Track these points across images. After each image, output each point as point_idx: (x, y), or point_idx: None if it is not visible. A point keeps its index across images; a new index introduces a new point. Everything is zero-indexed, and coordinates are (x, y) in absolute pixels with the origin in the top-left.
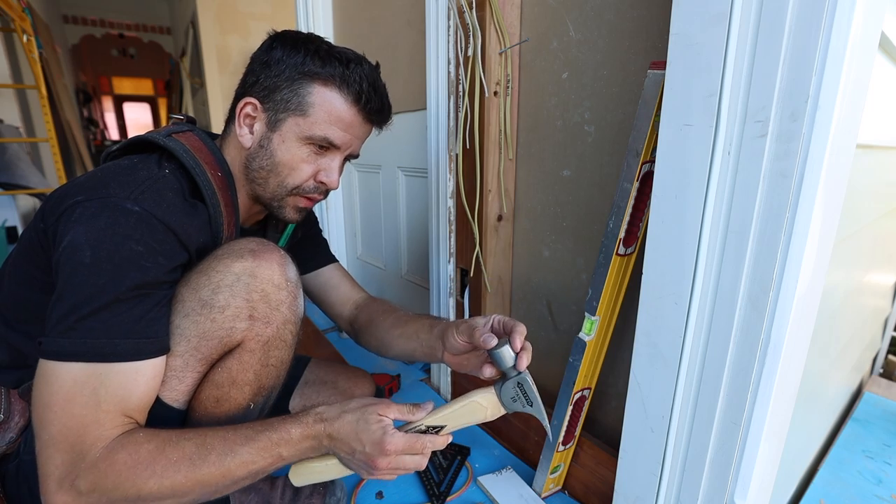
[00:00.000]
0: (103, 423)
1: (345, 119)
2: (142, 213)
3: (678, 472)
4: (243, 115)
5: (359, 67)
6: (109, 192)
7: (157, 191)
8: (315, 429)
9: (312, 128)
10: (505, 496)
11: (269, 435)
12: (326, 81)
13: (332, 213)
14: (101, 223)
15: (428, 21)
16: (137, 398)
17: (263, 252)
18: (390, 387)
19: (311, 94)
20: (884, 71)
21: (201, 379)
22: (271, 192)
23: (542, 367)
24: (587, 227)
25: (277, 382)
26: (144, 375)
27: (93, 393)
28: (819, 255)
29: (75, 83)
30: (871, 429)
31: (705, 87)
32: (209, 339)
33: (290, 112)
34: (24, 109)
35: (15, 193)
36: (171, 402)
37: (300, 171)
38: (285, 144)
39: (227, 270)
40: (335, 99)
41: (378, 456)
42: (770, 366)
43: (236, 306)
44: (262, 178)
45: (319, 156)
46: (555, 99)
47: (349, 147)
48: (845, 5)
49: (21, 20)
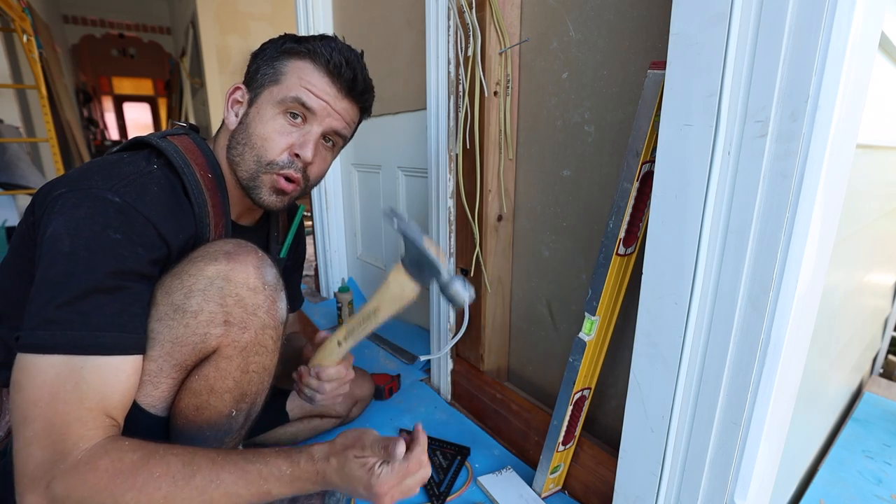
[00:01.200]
0: (86, 421)
1: (316, 84)
2: (122, 203)
3: (678, 472)
4: (232, 100)
5: (332, 42)
6: (91, 184)
7: (140, 185)
8: (306, 470)
9: (283, 91)
10: (505, 496)
11: (258, 468)
12: (300, 55)
13: (332, 213)
14: (81, 213)
15: (428, 21)
16: (119, 396)
17: (238, 254)
18: (390, 387)
19: (285, 66)
20: (884, 71)
21: (179, 385)
22: (248, 169)
23: (542, 367)
24: (587, 227)
25: (262, 388)
26: (125, 372)
27: (75, 388)
28: (819, 255)
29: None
30: (871, 429)
31: (705, 87)
32: (183, 344)
33: (266, 84)
34: (24, 109)
35: (15, 193)
36: (147, 408)
37: (274, 141)
38: (260, 115)
39: (199, 274)
40: (306, 66)
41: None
42: (770, 366)
43: (210, 311)
44: (239, 154)
45: (295, 128)
46: (555, 99)
47: (325, 117)
48: (845, 5)
49: (21, 20)
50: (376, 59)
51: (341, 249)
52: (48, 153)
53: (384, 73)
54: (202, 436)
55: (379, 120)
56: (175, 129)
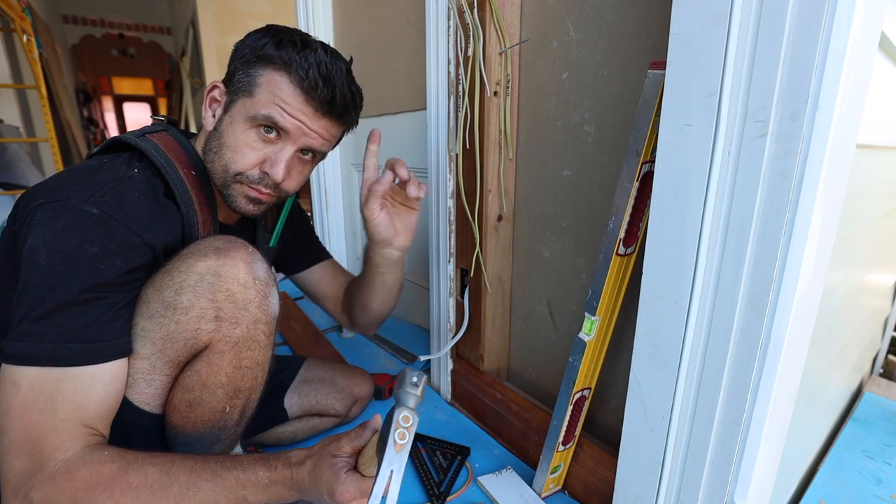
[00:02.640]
0: (61, 431)
1: (290, 103)
2: (100, 214)
3: (678, 472)
4: (209, 98)
5: (313, 55)
6: (69, 195)
7: (119, 192)
8: (282, 474)
9: (256, 107)
10: (505, 496)
11: (236, 474)
12: (276, 66)
13: (332, 213)
14: (58, 225)
15: (428, 21)
16: (96, 405)
17: (228, 250)
18: (390, 387)
19: (260, 76)
20: (884, 71)
21: (172, 382)
22: (219, 176)
23: (542, 367)
24: (587, 227)
25: (255, 385)
26: (101, 380)
27: (49, 399)
28: (819, 255)
29: (75, 83)
30: (871, 429)
31: (705, 87)
32: (174, 341)
33: (240, 94)
34: (24, 109)
35: (15, 193)
36: (142, 406)
37: (243, 155)
38: (232, 126)
39: (189, 270)
40: (282, 82)
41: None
42: (770, 366)
43: (201, 307)
44: (210, 161)
45: (267, 143)
46: (555, 99)
47: (300, 136)
48: (845, 5)
49: (21, 20)
50: (376, 59)
51: (341, 249)
52: (48, 153)
53: (384, 73)
54: (196, 433)
55: (379, 120)
56: (154, 125)
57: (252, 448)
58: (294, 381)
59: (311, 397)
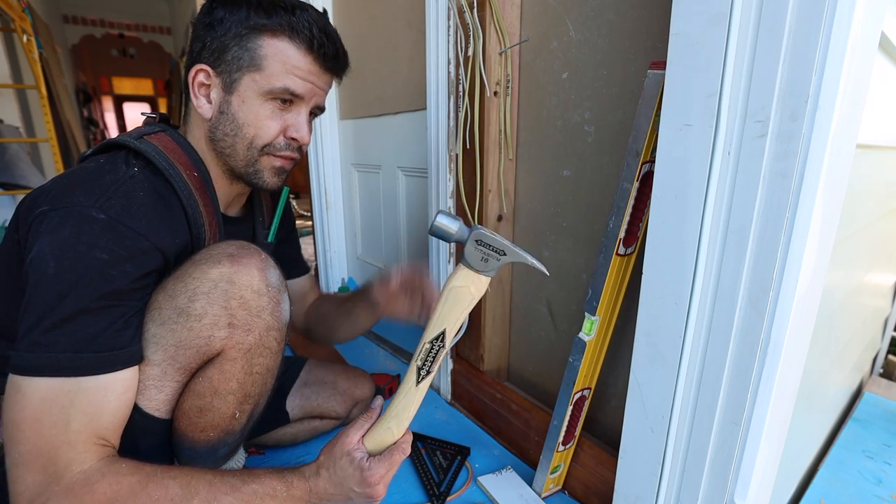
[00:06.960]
0: (75, 444)
1: (301, 67)
2: (108, 220)
3: (678, 472)
4: (197, 84)
5: (305, 13)
6: (74, 201)
7: (124, 194)
8: (300, 488)
9: (270, 80)
10: (505, 496)
11: (254, 488)
12: (275, 32)
13: (332, 213)
14: (65, 233)
15: (428, 21)
16: (109, 416)
17: (242, 257)
18: (390, 387)
19: (261, 48)
20: (884, 71)
21: (182, 388)
22: (243, 157)
23: (542, 366)
24: (587, 227)
25: (264, 390)
26: (114, 391)
27: (61, 411)
28: (819, 255)
29: (75, 83)
30: (871, 429)
31: (705, 87)
32: (187, 348)
33: (245, 69)
34: (24, 109)
35: (15, 193)
36: (152, 412)
37: (267, 128)
38: (246, 104)
39: (203, 277)
40: (287, 48)
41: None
42: (770, 366)
43: (214, 314)
44: (228, 146)
45: (284, 111)
46: (555, 99)
47: (313, 97)
48: (845, 5)
49: (21, 20)
50: (376, 59)
51: (341, 249)
52: (48, 153)
53: (384, 73)
54: (205, 438)
55: (379, 120)
56: (150, 127)
57: (253, 449)
58: (295, 384)
59: (313, 400)
